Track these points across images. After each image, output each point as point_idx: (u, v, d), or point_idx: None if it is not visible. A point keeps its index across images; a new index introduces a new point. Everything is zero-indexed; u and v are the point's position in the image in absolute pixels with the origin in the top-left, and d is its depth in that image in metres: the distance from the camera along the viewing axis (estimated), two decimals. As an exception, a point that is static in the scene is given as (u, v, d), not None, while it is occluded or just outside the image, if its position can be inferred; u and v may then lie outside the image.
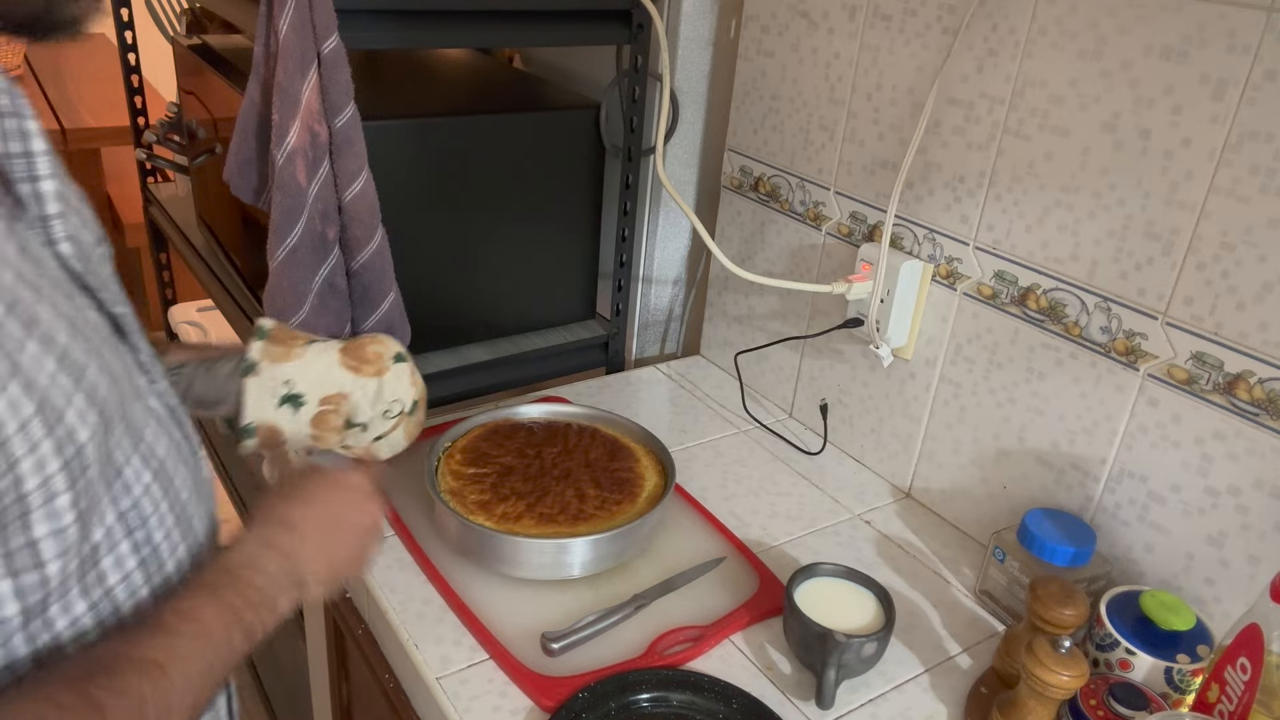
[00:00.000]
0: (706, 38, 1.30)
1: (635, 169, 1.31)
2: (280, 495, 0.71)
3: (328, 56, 0.92)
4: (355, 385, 0.86)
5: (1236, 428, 0.82)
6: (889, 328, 1.08)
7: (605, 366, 1.42)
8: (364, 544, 0.74)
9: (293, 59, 0.91)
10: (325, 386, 0.85)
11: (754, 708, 0.81)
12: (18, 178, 0.54)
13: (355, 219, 1.00)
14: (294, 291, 1.00)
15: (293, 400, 0.84)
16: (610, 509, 0.96)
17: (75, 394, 0.50)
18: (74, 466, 0.50)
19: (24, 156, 0.55)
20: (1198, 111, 0.80)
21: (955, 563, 1.04)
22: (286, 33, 0.90)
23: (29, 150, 0.55)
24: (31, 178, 0.55)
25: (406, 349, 0.91)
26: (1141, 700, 0.75)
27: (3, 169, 0.54)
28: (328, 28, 0.91)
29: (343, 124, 0.96)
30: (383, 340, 0.90)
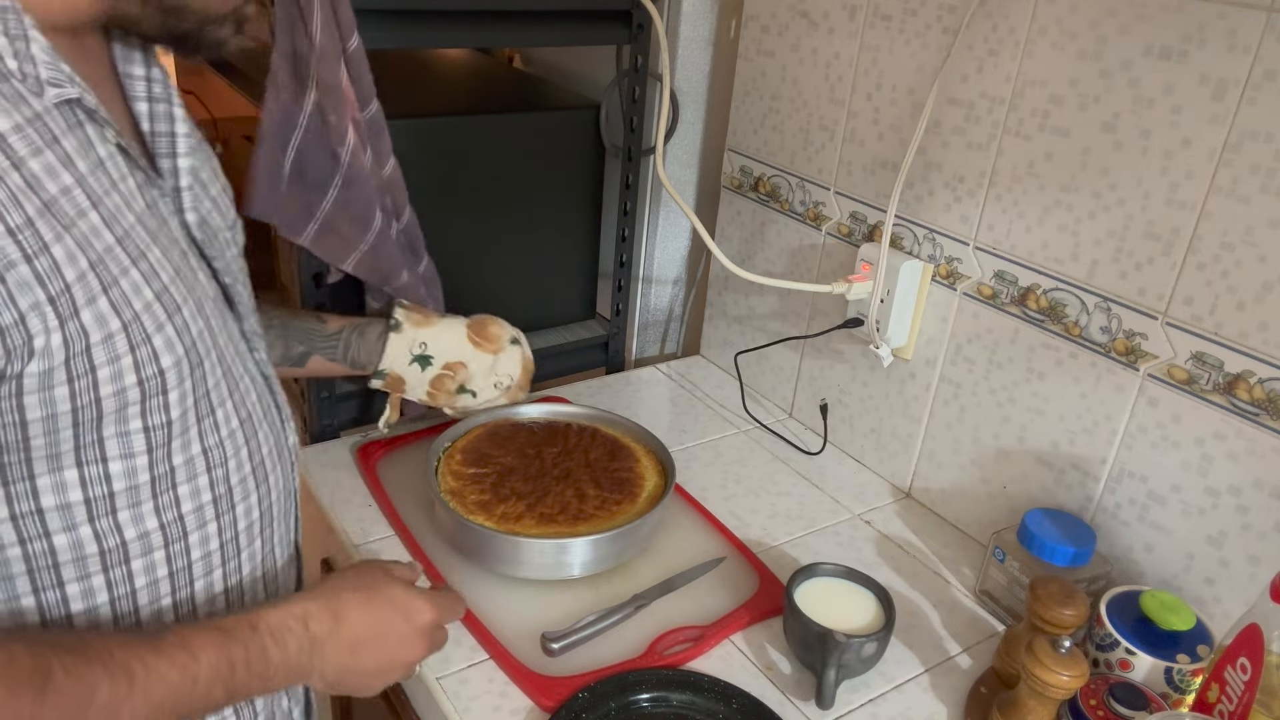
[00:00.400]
0: (706, 38, 1.30)
1: (635, 169, 1.31)
2: (355, 581, 0.71)
3: (353, 54, 0.95)
4: (475, 358, 1.05)
5: (1236, 428, 0.82)
6: (889, 328, 1.08)
7: (605, 366, 1.42)
8: (387, 673, 0.72)
9: (331, 58, 0.92)
10: (451, 354, 1.05)
11: (754, 708, 0.81)
12: (161, 153, 0.64)
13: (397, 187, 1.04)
14: (392, 260, 1.04)
15: (422, 360, 1.04)
16: (610, 509, 0.96)
17: (166, 325, 0.57)
18: (151, 385, 0.56)
19: (169, 136, 0.65)
20: (1198, 111, 0.80)
21: (955, 563, 1.04)
22: (321, 35, 0.91)
23: (174, 131, 0.65)
24: (172, 154, 0.64)
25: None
26: (1141, 700, 0.75)
27: (149, 144, 0.64)
28: (350, 26, 0.94)
29: (372, 115, 0.99)
30: (502, 323, 1.09)
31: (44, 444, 0.54)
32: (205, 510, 0.64)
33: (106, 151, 0.57)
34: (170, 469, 0.60)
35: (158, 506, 0.60)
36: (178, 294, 0.58)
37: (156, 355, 0.56)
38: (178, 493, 0.61)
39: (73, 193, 0.53)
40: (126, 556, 0.60)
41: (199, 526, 0.64)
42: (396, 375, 1.04)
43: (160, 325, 0.56)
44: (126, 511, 0.59)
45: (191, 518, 0.63)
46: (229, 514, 0.66)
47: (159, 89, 0.65)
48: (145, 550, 0.61)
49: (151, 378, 0.56)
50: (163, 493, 0.60)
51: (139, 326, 0.55)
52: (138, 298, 0.55)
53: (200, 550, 0.64)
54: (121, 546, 0.59)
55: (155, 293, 0.56)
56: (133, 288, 0.55)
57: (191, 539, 0.63)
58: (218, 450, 0.64)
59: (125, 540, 0.59)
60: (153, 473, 0.59)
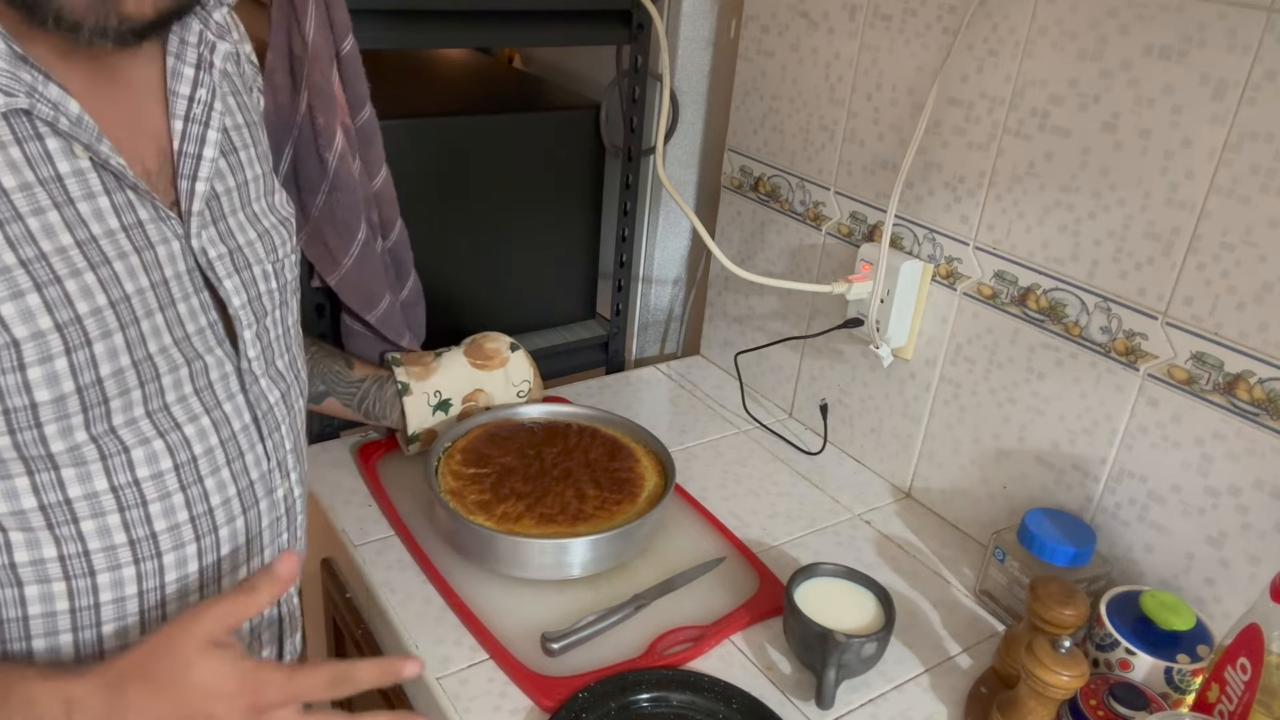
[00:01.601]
0: (706, 38, 1.30)
1: (635, 169, 1.31)
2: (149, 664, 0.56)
3: (347, 55, 0.94)
4: (487, 380, 1.08)
5: (1236, 428, 0.82)
6: (889, 328, 1.08)
7: (605, 366, 1.42)
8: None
9: (323, 59, 0.92)
10: (464, 388, 1.07)
11: (754, 708, 0.81)
12: (184, 174, 0.63)
13: (385, 204, 1.03)
14: (376, 280, 1.03)
15: (443, 406, 1.06)
16: (610, 509, 0.96)
17: (59, 358, 0.54)
18: (19, 418, 0.54)
19: (194, 158, 0.63)
20: (1198, 111, 0.80)
21: (955, 563, 1.04)
22: (314, 36, 0.90)
23: (199, 154, 0.63)
24: (192, 176, 0.63)
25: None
26: (1141, 700, 0.75)
27: (177, 164, 0.63)
28: (345, 28, 0.93)
29: (364, 121, 0.98)
30: (495, 336, 1.11)
31: None
32: (119, 552, 0.60)
33: (71, 167, 0.55)
34: (64, 500, 0.57)
35: (56, 537, 0.58)
36: (97, 326, 0.55)
37: (28, 387, 0.53)
38: (79, 527, 0.58)
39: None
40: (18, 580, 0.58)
41: (110, 567, 0.60)
42: (428, 431, 1.06)
43: (47, 357, 0.53)
44: (18, 534, 0.57)
45: (100, 556, 0.59)
46: (152, 561, 0.62)
47: (199, 109, 0.64)
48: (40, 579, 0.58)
49: (20, 409, 0.53)
50: (59, 524, 0.57)
51: (12, 353, 0.52)
52: (25, 324, 0.52)
53: (111, 593, 0.61)
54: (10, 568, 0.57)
55: (58, 322, 0.54)
56: (21, 313, 0.52)
57: (100, 579, 0.60)
58: (131, 491, 0.60)
59: (15, 562, 0.57)
60: (39, 500, 0.56)
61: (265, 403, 0.68)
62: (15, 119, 0.52)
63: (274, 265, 0.70)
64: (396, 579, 0.94)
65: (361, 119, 0.98)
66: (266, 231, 0.70)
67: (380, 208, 1.03)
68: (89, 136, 0.55)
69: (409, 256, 1.09)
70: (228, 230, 0.66)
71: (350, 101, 0.96)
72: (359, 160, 0.99)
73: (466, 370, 1.07)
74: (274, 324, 0.70)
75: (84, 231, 0.55)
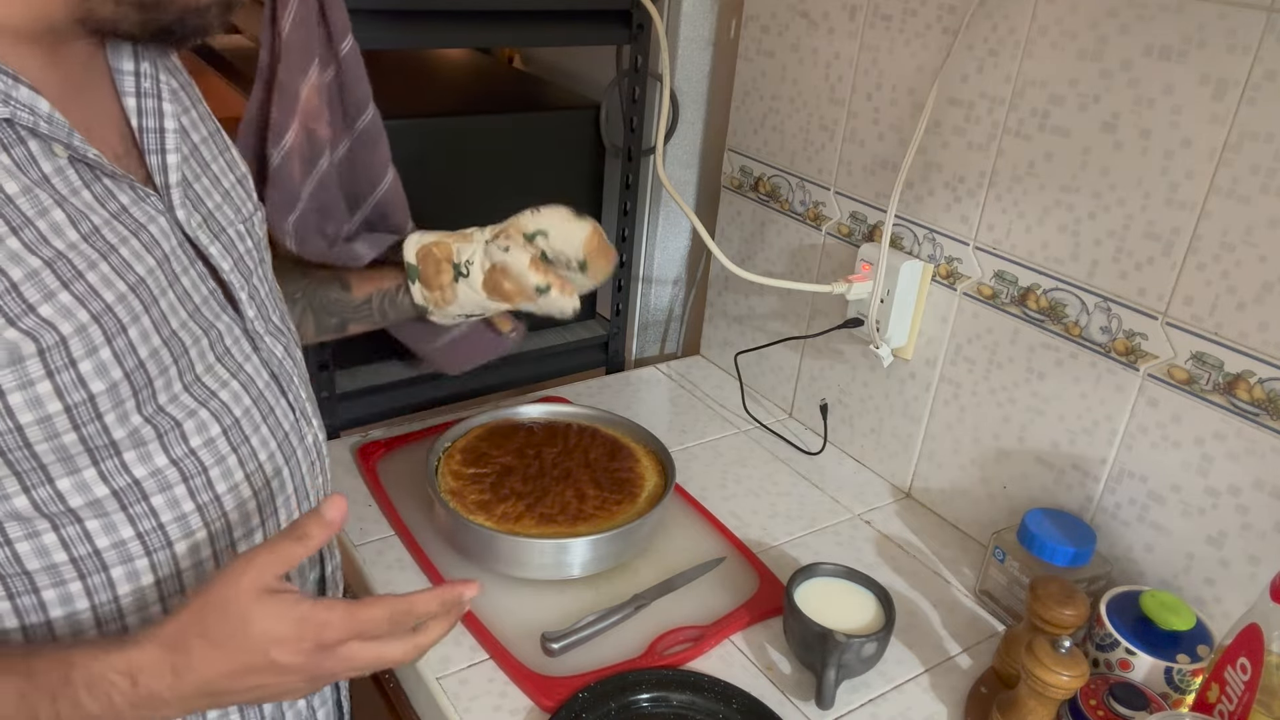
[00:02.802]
0: (706, 38, 1.30)
1: (635, 169, 1.31)
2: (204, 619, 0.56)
3: (345, 57, 0.93)
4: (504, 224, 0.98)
5: (1236, 428, 0.82)
6: (889, 328, 1.08)
7: (605, 366, 1.42)
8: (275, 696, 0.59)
9: (294, 56, 0.90)
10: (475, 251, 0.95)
11: (754, 708, 0.81)
12: (150, 149, 0.62)
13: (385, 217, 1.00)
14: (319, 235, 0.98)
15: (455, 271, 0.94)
16: (610, 509, 0.96)
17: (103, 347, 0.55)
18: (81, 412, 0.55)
19: (157, 132, 0.63)
20: (1198, 111, 0.80)
21: (955, 563, 1.04)
22: (289, 32, 0.90)
23: (162, 127, 0.63)
24: (160, 150, 0.63)
25: None
26: (1141, 700, 0.75)
27: (139, 140, 0.62)
28: (342, 29, 0.92)
29: (366, 123, 0.96)
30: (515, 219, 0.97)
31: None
32: (190, 519, 0.62)
33: (54, 166, 0.55)
34: (134, 481, 0.59)
35: (130, 516, 0.59)
36: (126, 312, 0.56)
37: (83, 380, 0.54)
38: (151, 504, 0.60)
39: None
40: (103, 564, 0.59)
41: (185, 535, 0.62)
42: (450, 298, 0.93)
43: (93, 349, 0.55)
44: (95, 521, 0.58)
45: (174, 527, 0.61)
46: (220, 521, 0.64)
47: (148, 83, 0.63)
48: (124, 559, 0.60)
49: (80, 403, 0.54)
50: (133, 504, 0.59)
51: (62, 352, 0.53)
52: (67, 321, 0.53)
53: (189, 559, 0.63)
54: (95, 554, 0.58)
55: (94, 313, 0.55)
56: (60, 311, 0.53)
57: (178, 548, 0.62)
58: (190, 460, 0.62)
59: (98, 548, 0.58)
60: (110, 485, 0.58)
61: (275, 358, 0.70)
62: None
63: (245, 225, 0.70)
64: (396, 579, 0.94)
65: (363, 122, 0.96)
66: (228, 192, 0.70)
67: (386, 213, 1.01)
68: (63, 133, 0.55)
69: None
70: (197, 197, 0.66)
71: (350, 104, 0.95)
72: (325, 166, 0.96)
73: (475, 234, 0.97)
74: (260, 282, 0.72)
75: (86, 225, 0.56)
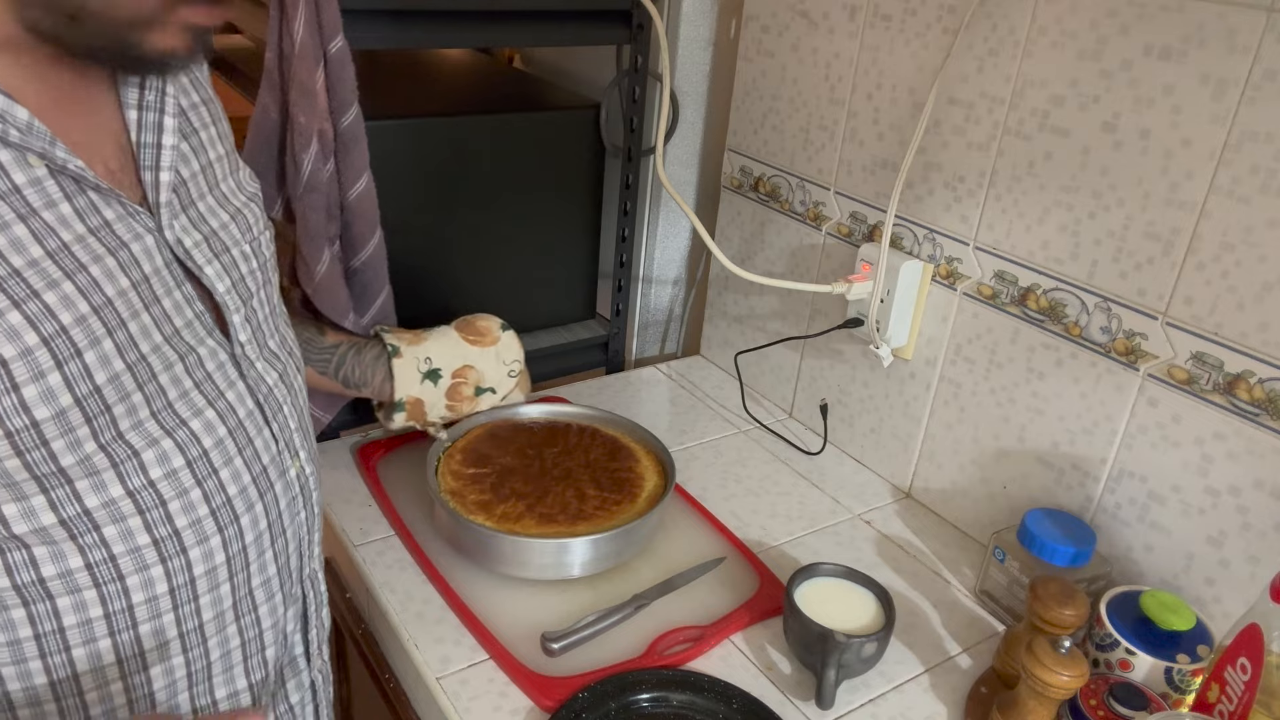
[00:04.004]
0: (706, 38, 1.30)
1: (635, 169, 1.31)
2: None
3: (334, 56, 0.93)
4: (479, 356, 1.05)
5: (1236, 428, 0.82)
6: (889, 328, 1.08)
7: (605, 366, 1.42)
8: None
9: (309, 59, 0.91)
10: (455, 360, 1.04)
11: (754, 708, 0.81)
12: (146, 165, 0.61)
13: (359, 216, 1.01)
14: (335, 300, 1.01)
15: (432, 375, 1.02)
16: (610, 509, 0.96)
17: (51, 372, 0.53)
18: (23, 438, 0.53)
19: (154, 148, 0.61)
20: (1198, 111, 0.80)
21: (955, 563, 1.04)
22: (302, 34, 0.90)
23: (159, 143, 0.62)
24: (154, 167, 0.61)
25: None
26: (1141, 700, 0.75)
27: (137, 155, 0.61)
28: (334, 28, 0.92)
29: (349, 123, 0.96)
30: (485, 316, 1.08)
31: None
32: (144, 554, 0.60)
33: (27, 177, 0.53)
34: (83, 511, 0.57)
35: (80, 546, 0.57)
36: (84, 335, 0.54)
37: (26, 406, 0.52)
38: (103, 534, 0.58)
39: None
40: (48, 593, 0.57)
41: (139, 569, 0.60)
42: (415, 399, 1.02)
43: (39, 374, 0.52)
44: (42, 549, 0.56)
45: (127, 560, 0.59)
46: (179, 558, 0.62)
47: (151, 96, 0.62)
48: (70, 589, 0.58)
49: (23, 429, 0.52)
50: (82, 534, 0.57)
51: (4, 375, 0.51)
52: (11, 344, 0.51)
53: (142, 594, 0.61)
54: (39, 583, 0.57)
55: (45, 336, 0.52)
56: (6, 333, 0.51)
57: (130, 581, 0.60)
58: (147, 493, 0.59)
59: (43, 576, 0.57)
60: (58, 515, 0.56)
61: (265, 385, 0.68)
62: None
63: (251, 245, 0.68)
64: (396, 579, 0.94)
65: (346, 121, 0.96)
66: (239, 211, 0.68)
67: (355, 220, 1.00)
68: (41, 143, 0.53)
69: (383, 272, 1.05)
70: (199, 216, 0.64)
71: (335, 103, 0.94)
72: (333, 165, 0.97)
73: (457, 344, 1.04)
74: (260, 304, 0.69)
75: (54, 241, 0.53)
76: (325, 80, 0.93)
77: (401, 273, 1.09)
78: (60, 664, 0.59)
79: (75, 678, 0.60)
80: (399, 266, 1.09)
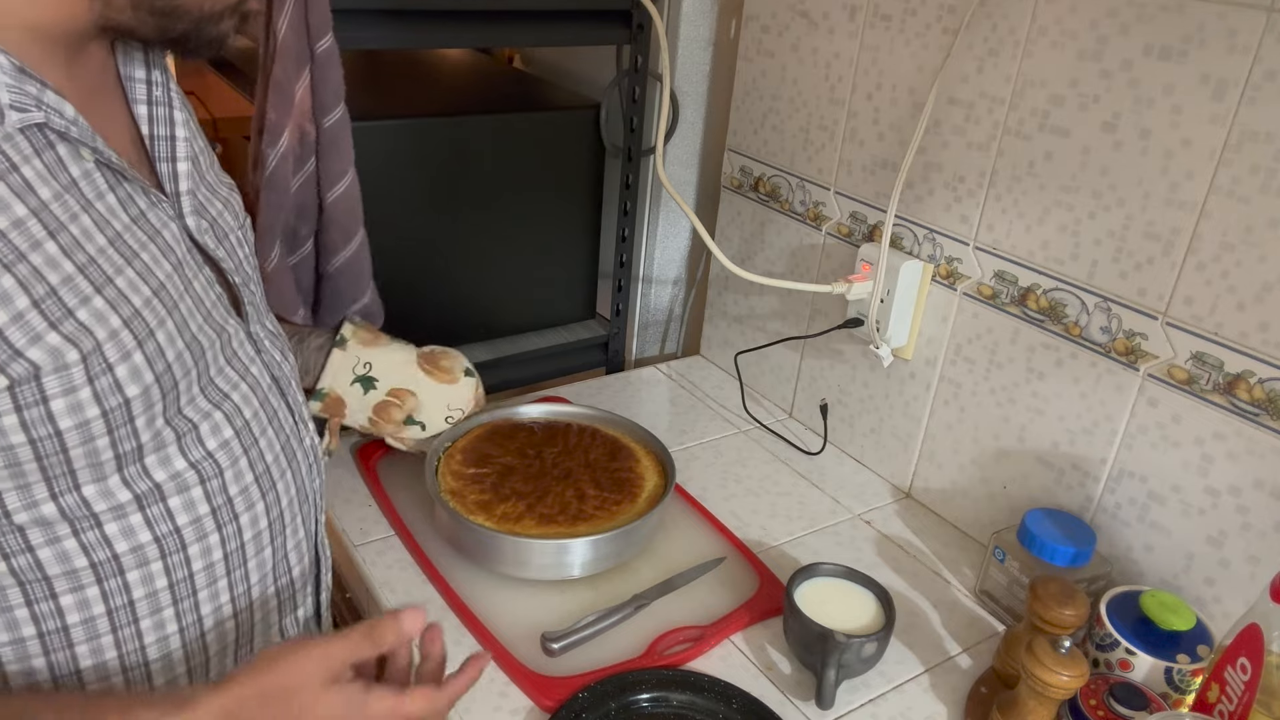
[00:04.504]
0: (706, 38, 1.30)
1: (635, 169, 1.31)
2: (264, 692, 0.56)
3: (320, 56, 0.92)
4: (426, 387, 0.99)
5: (1236, 428, 0.82)
6: (889, 328, 1.08)
7: (605, 366, 1.42)
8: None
9: (290, 58, 0.91)
10: (398, 380, 0.98)
11: (754, 708, 0.81)
12: (160, 157, 0.64)
13: (334, 221, 1.00)
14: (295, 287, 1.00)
15: (366, 381, 0.97)
16: (610, 509, 0.96)
17: (135, 352, 0.56)
18: (116, 416, 0.55)
19: (168, 140, 0.64)
20: (1198, 111, 0.80)
21: (955, 563, 1.04)
22: (285, 33, 0.90)
23: (173, 135, 0.64)
24: (170, 158, 0.64)
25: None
26: (1141, 700, 0.75)
27: (149, 148, 0.63)
28: (322, 27, 0.91)
29: (331, 124, 0.95)
30: (456, 355, 1.03)
31: (7, 474, 0.53)
32: (204, 522, 0.63)
33: (81, 169, 0.55)
34: (154, 485, 0.60)
35: (148, 519, 0.60)
36: (152, 316, 0.57)
37: (120, 385, 0.55)
38: (168, 506, 0.60)
39: (26, 224, 0.51)
40: (120, 569, 0.59)
41: (199, 538, 0.63)
42: (336, 396, 0.98)
43: (126, 354, 0.55)
44: (114, 525, 0.58)
45: (189, 530, 0.62)
46: (231, 524, 0.65)
47: (159, 91, 0.64)
48: (140, 563, 0.60)
49: (116, 408, 0.55)
50: (151, 506, 0.60)
51: (99, 357, 0.54)
52: (101, 326, 0.54)
53: (201, 561, 0.63)
54: (113, 559, 0.59)
55: (125, 318, 0.55)
56: (95, 316, 0.54)
57: (191, 550, 0.63)
58: (208, 463, 0.62)
59: (117, 553, 0.59)
60: (133, 490, 0.58)
61: (274, 362, 0.71)
62: (29, 132, 0.53)
63: (242, 231, 0.72)
64: (396, 579, 0.94)
65: (329, 122, 0.95)
66: (228, 199, 0.71)
67: (332, 223, 1.00)
68: (88, 137, 0.55)
69: (366, 271, 1.04)
70: (200, 204, 0.67)
71: (318, 103, 0.94)
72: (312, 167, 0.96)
73: (410, 365, 1.00)
74: (256, 286, 0.73)
75: (110, 230, 0.56)
76: (310, 80, 0.93)
77: (401, 272, 1.09)
78: (129, 636, 0.62)
79: (143, 650, 0.62)
80: (398, 266, 1.09)
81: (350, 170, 0.99)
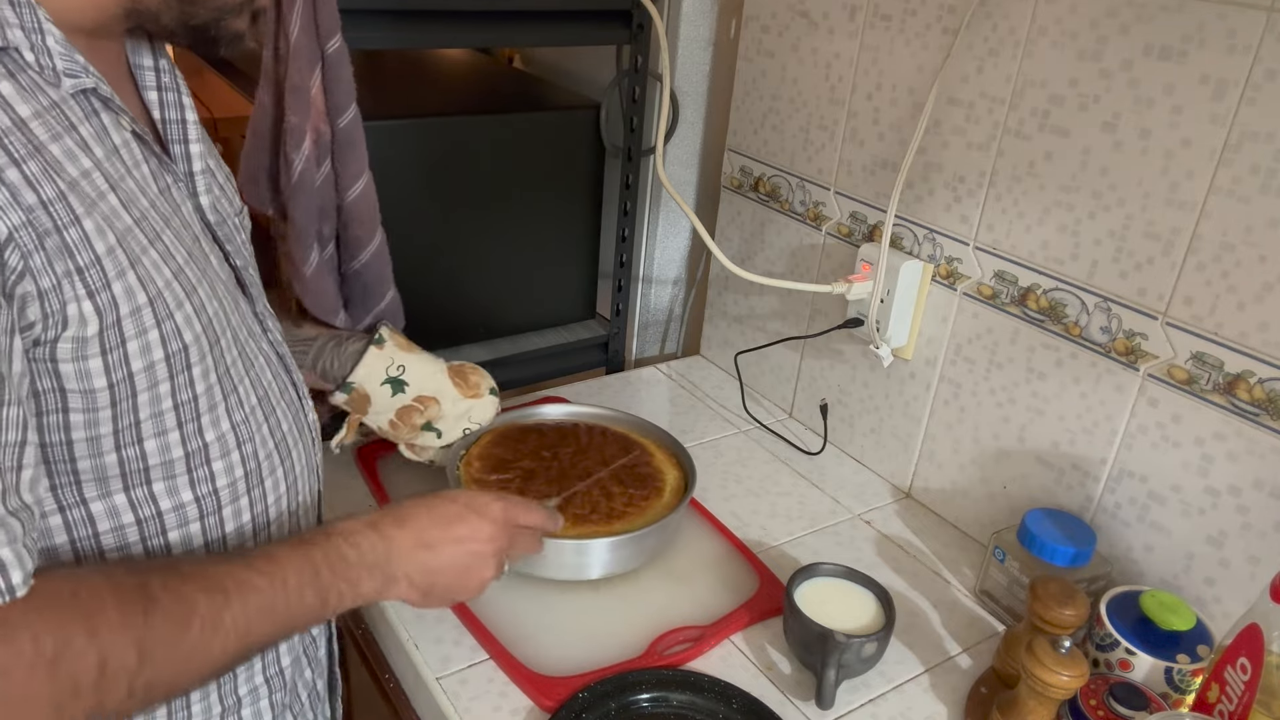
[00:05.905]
0: (706, 38, 1.30)
1: (635, 169, 1.31)
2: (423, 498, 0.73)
3: (331, 56, 0.92)
4: (451, 398, 1.01)
5: (1236, 428, 0.82)
6: (889, 328, 1.08)
7: (605, 366, 1.42)
8: (472, 567, 0.73)
9: (303, 59, 0.91)
10: (426, 387, 1.00)
11: (754, 708, 0.81)
12: (173, 139, 0.66)
13: (356, 219, 1.00)
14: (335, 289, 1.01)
15: (396, 384, 0.99)
16: (639, 505, 0.96)
17: (185, 303, 0.58)
18: (177, 361, 0.58)
19: (179, 123, 0.67)
20: (1198, 111, 0.80)
21: (955, 563, 1.04)
22: (298, 34, 0.90)
23: (184, 119, 0.67)
24: (183, 140, 0.67)
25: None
26: (1141, 700, 0.75)
27: (162, 132, 0.66)
28: (331, 27, 0.91)
29: (345, 124, 0.96)
30: (483, 373, 1.05)
31: (83, 421, 0.55)
32: (239, 485, 0.65)
33: (121, 139, 0.58)
34: (204, 444, 0.62)
35: (193, 480, 0.62)
36: (192, 275, 0.60)
37: (179, 330, 0.58)
38: (212, 468, 0.63)
39: (92, 175, 0.54)
40: (163, 528, 0.61)
41: (233, 500, 0.65)
42: (364, 393, 0.99)
43: (180, 303, 0.58)
44: (161, 484, 0.61)
45: (226, 491, 0.65)
46: (259, 488, 0.67)
47: (167, 78, 0.67)
48: (181, 522, 0.62)
49: (177, 353, 0.58)
50: (197, 467, 0.62)
51: (162, 302, 0.57)
52: (159, 275, 0.57)
53: (234, 523, 0.66)
54: (157, 517, 0.61)
55: (172, 272, 0.58)
56: (153, 265, 0.56)
57: (225, 512, 0.65)
58: (244, 426, 0.65)
59: (160, 511, 0.61)
60: (186, 448, 0.61)
61: (276, 339, 0.73)
62: (78, 98, 0.56)
63: (239, 218, 0.74)
64: (396, 579, 0.94)
65: (344, 122, 0.95)
66: (226, 182, 0.73)
67: (352, 222, 1.00)
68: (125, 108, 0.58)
69: (387, 269, 1.05)
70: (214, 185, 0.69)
71: (331, 104, 0.94)
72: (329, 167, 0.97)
73: (440, 377, 1.02)
74: (255, 270, 0.74)
75: (149, 195, 0.59)
76: (322, 80, 0.93)
77: (401, 272, 1.09)
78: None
79: None
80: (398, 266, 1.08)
81: (366, 169, 0.99)
